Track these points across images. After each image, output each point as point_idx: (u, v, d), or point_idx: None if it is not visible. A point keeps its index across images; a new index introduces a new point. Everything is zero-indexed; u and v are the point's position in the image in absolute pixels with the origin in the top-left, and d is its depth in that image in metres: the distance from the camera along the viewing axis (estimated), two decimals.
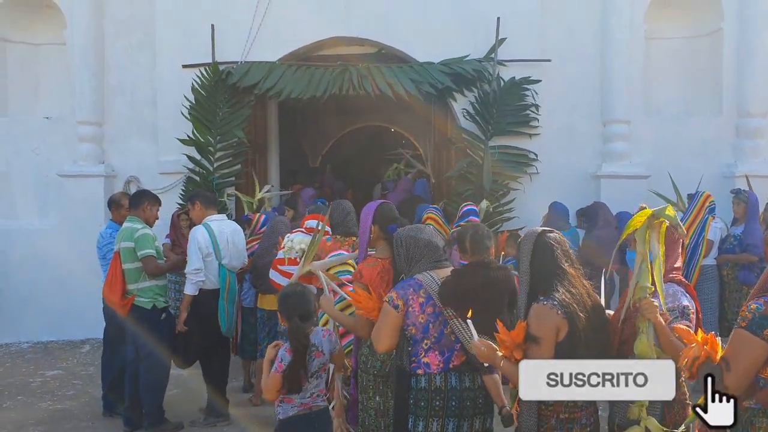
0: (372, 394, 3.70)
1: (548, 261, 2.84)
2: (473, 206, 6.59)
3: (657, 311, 2.76)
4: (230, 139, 8.13)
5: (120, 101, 8.58)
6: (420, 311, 3.16)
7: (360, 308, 3.41)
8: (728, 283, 6.75)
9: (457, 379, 3.15)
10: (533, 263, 2.87)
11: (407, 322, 3.17)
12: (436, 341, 3.17)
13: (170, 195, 8.01)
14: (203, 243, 5.39)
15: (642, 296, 2.80)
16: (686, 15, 8.42)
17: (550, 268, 2.81)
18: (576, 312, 2.72)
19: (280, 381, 3.37)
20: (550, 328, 2.72)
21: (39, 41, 8.82)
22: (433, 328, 3.17)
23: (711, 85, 8.37)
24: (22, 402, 6.22)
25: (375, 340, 3.27)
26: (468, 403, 3.15)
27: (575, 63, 8.24)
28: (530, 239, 2.91)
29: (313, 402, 3.48)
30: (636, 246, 2.84)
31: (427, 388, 3.13)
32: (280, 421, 3.49)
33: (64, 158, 8.49)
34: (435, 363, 3.15)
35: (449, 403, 3.11)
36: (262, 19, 8.08)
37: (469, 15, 8.14)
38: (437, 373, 3.14)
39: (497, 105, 7.98)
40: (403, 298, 3.17)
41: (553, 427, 2.77)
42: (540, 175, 8.11)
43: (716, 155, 8.19)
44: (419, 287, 3.19)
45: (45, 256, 8.28)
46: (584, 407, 2.80)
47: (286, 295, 3.57)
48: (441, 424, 3.10)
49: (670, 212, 2.78)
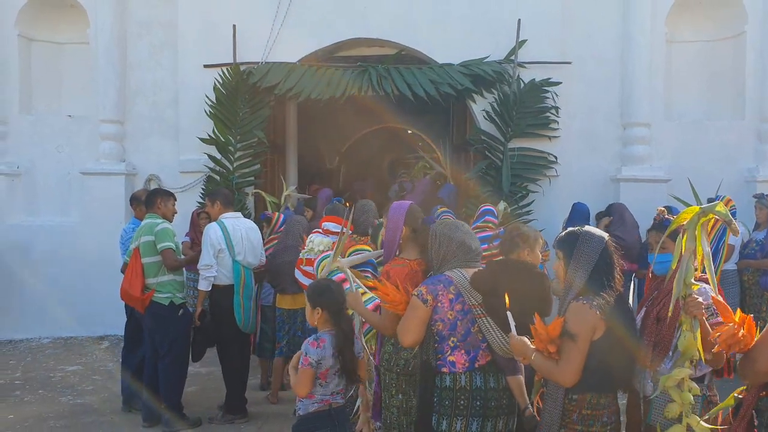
0: (395, 392, 3.71)
1: (609, 268, 2.85)
2: (491, 207, 6.58)
3: (702, 308, 2.76)
4: (250, 139, 8.18)
5: (142, 100, 8.68)
6: (449, 307, 3.14)
7: (387, 301, 3.39)
8: (749, 288, 6.71)
9: (482, 379, 3.13)
10: (597, 267, 2.84)
11: (435, 317, 3.15)
12: (463, 339, 3.15)
13: (190, 194, 8.11)
14: (215, 239, 5.47)
15: (688, 293, 2.79)
16: (708, 18, 8.35)
17: (609, 275, 2.83)
18: (615, 316, 2.75)
19: (312, 374, 3.37)
20: (589, 327, 2.73)
21: (63, 40, 8.94)
22: (461, 325, 3.15)
23: (733, 88, 8.29)
24: (43, 396, 6.30)
25: (401, 333, 3.22)
26: (492, 403, 3.13)
27: (596, 65, 8.20)
28: (598, 244, 2.87)
29: (333, 399, 3.49)
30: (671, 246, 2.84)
31: (452, 387, 3.12)
32: (300, 416, 3.51)
33: (87, 156, 8.60)
34: (461, 362, 3.13)
35: (474, 403, 3.10)
36: (283, 20, 8.13)
37: (490, 16, 8.13)
38: (462, 373, 3.12)
39: (517, 107, 7.95)
40: (433, 293, 3.15)
41: (575, 421, 2.79)
42: (559, 177, 8.08)
43: (738, 160, 8.12)
44: (449, 283, 3.17)
45: (66, 252, 8.38)
46: (607, 406, 2.81)
47: (321, 289, 3.55)
48: (465, 423, 3.09)
49: (721, 209, 2.70)
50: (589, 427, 2.78)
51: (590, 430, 2.78)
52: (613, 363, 2.77)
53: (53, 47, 8.95)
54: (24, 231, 8.52)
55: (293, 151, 10.32)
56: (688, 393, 2.73)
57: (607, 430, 2.81)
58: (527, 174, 8.02)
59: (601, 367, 2.75)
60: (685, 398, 2.73)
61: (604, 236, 2.91)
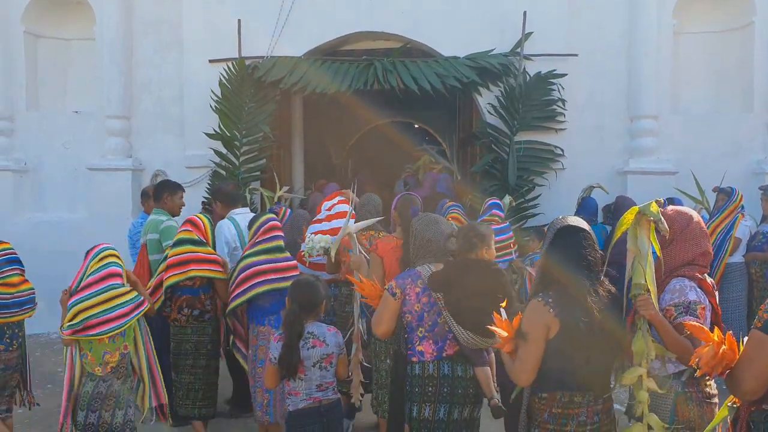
0: (383, 357, 4.38)
1: (565, 259, 2.77)
2: (497, 200, 6.56)
3: (652, 308, 2.73)
4: (256, 134, 8.18)
5: (148, 96, 8.70)
6: (416, 300, 3.35)
7: (364, 295, 3.73)
8: (756, 281, 6.66)
9: (450, 367, 3.32)
10: (549, 255, 2.81)
11: (404, 309, 3.38)
12: (430, 330, 3.34)
13: (196, 189, 8.12)
14: (230, 237, 5.45)
15: (636, 293, 2.78)
16: (716, 9, 8.29)
17: (564, 267, 2.75)
18: (572, 314, 2.66)
19: (275, 370, 3.49)
20: (540, 325, 2.70)
21: (69, 37, 8.97)
22: (428, 317, 3.34)
23: (741, 80, 8.23)
24: (51, 391, 6.33)
25: (374, 324, 3.49)
26: (460, 391, 3.31)
27: (602, 58, 8.16)
28: (552, 228, 2.86)
29: (323, 395, 3.54)
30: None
31: (420, 375, 3.32)
32: (289, 413, 3.58)
33: (93, 152, 8.62)
34: (429, 351, 3.33)
35: (441, 390, 3.28)
36: (288, 14, 8.13)
37: (495, 9, 8.11)
38: (431, 361, 3.32)
39: (523, 100, 7.92)
40: (401, 287, 3.38)
41: (546, 420, 2.74)
42: (566, 170, 8.06)
43: (746, 152, 8.06)
44: (417, 278, 3.39)
45: (74, 248, 8.33)
46: (584, 404, 2.72)
47: (296, 283, 3.71)
48: (433, 409, 3.27)
49: (654, 208, 2.78)
50: (563, 426, 2.71)
51: (564, 429, 2.71)
52: (571, 361, 2.69)
53: (59, 44, 8.98)
54: (31, 227, 8.55)
55: (299, 145, 10.32)
56: (644, 391, 2.75)
57: (587, 430, 2.72)
58: (534, 167, 7.99)
59: (562, 365, 2.69)
60: (642, 396, 2.74)
61: (569, 222, 2.84)
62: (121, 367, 3.90)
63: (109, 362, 3.83)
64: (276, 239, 4.68)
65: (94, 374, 3.83)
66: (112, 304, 3.81)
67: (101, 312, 3.77)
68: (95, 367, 3.83)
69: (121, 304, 3.85)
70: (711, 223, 6.40)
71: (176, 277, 4.67)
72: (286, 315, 3.55)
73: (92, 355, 3.81)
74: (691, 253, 2.93)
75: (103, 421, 3.82)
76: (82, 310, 3.74)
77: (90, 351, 3.81)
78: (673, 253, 2.94)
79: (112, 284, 3.85)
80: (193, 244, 4.72)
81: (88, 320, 3.73)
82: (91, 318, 3.74)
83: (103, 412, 3.80)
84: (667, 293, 2.88)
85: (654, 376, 2.83)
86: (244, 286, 4.53)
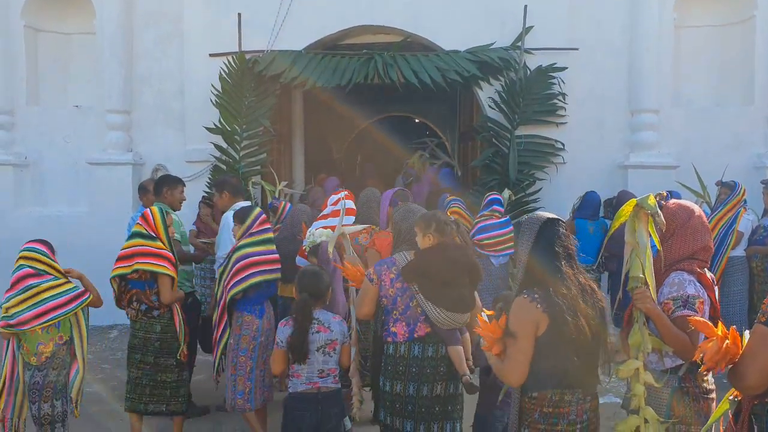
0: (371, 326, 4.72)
1: (548, 254, 2.76)
2: (497, 195, 6.57)
3: (649, 301, 2.73)
4: (256, 128, 8.18)
5: (148, 90, 8.69)
6: (390, 285, 3.58)
7: (348, 278, 4.05)
8: (757, 275, 6.66)
9: (421, 348, 3.54)
10: (533, 252, 2.78)
11: (381, 294, 3.62)
12: (403, 313, 3.56)
13: (197, 183, 8.12)
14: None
15: (634, 286, 2.78)
16: (717, 3, 8.26)
17: (548, 262, 2.74)
18: (560, 309, 2.63)
19: (283, 354, 3.71)
20: (528, 322, 2.67)
21: (69, 31, 8.96)
22: (401, 301, 3.56)
23: (742, 74, 8.21)
24: None
25: (357, 306, 3.82)
26: (428, 370, 3.52)
27: (603, 52, 8.14)
28: (534, 225, 2.82)
29: (323, 382, 3.69)
30: None
31: (393, 355, 3.57)
32: (289, 394, 3.75)
33: (94, 146, 8.62)
34: (401, 333, 3.56)
35: (410, 369, 3.52)
36: (288, 8, 8.11)
37: (496, 3, 8.09)
38: (403, 342, 3.55)
39: (524, 94, 7.91)
40: (378, 273, 3.62)
41: (537, 420, 2.71)
42: (567, 165, 8.05)
43: (747, 146, 8.04)
44: (392, 265, 3.63)
45: (74, 242, 8.37)
46: (574, 402, 2.70)
47: (303, 273, 3.94)
48: (404, 386, 3.52)
49: (651, 201, 2.78)
50: (554, 426, 2.68)
51: (555, 428, 2.68)
52: (561, 357, 2.66)
53: (60, 38, 8.97)
54: (32, 221, 8.54)
55: (300, 140, 10.31)
56: (640, 384, 2.75)
57: (577, 428, 2.70)
58: (534, 161, 7.99)
59: (553, 363, 2.66)
60: (637, 390, 2.74)
61: (548, 216, 2.84)
62: (57, 357, 4.04)
63: (43, 352, 3.98)
64: (268, 231, 4.80)
65: (30, 363, 4.00)
66: (41, 297, 3.97)
67: (29, 307, 3.93)
68: (30, 357, 3.99)
69: (53, 296, 4.01)
70: (713, 216, 6.39)
71: (121, 269, 4.63)
72: (297, 303, 3.77)
73: (27, 345, 3.98)
74: (691, 247, 2.92)
75: (44, 414, 3.98)
76: (10, 307, 3.93)
77: (25, 342, 3.99)
78: (673, 247, 2.93)
79: (30, 284, 3.98)
80: (142, 238, 4.68)
81: (19, 315, 3.90)
82: (20, 314, 3.90)
83: (42, 404, 3.97)
84: (666, 287, 2.87)
85: (651, 370, 2.83)
86: (242, 274, 4.53)
